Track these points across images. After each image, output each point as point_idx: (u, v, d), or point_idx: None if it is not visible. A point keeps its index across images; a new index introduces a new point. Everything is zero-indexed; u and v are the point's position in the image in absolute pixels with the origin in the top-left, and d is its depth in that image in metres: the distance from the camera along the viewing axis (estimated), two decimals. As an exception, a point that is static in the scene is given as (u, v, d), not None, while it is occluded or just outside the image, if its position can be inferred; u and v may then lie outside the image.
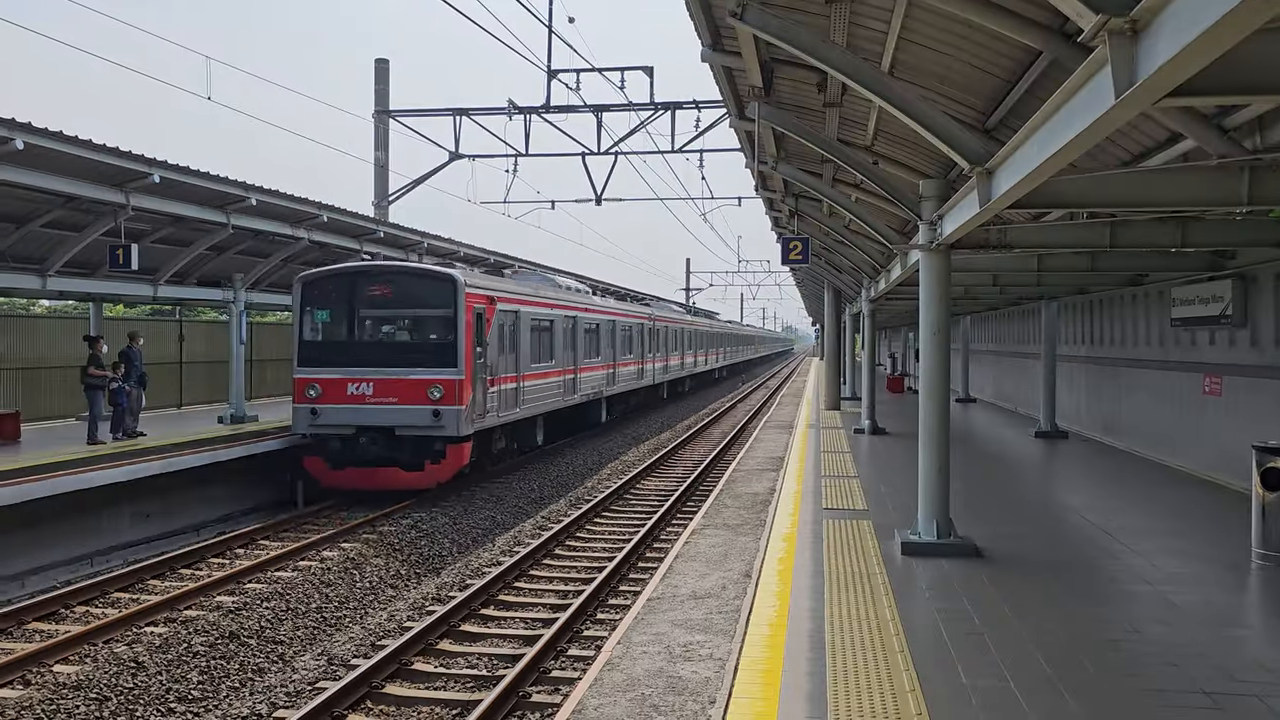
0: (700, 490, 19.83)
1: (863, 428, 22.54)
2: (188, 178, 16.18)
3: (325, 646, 10.29)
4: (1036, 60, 7.56)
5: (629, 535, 15.69)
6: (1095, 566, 9.60)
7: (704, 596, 9.40)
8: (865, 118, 10.92)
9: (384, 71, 28.42)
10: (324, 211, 19.97)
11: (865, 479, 15.23)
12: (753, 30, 7.47)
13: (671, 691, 6.94)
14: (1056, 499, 13.91)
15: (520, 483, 20.56)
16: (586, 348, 27.85)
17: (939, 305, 10.35)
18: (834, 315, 32.13)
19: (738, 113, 11.34)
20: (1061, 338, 23.41)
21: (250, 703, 8.78)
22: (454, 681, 9.30)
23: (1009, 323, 30.29)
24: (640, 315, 36.60)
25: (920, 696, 6.08)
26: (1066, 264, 15.09)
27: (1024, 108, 8.40)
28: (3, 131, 12.56)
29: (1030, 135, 6.11)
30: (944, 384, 10.40)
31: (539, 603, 11.96)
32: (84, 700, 8.56)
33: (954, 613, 7.93)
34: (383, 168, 28.65)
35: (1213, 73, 4.31)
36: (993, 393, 33.71)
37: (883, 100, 7.62)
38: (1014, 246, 11.13)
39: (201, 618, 10.82)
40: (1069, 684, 6.29)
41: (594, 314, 29.06)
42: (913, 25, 7.77)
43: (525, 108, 26.08)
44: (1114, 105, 4.25)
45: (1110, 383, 20.43)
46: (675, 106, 25.81)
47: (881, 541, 10.62)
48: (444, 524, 16.19)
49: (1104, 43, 4.18)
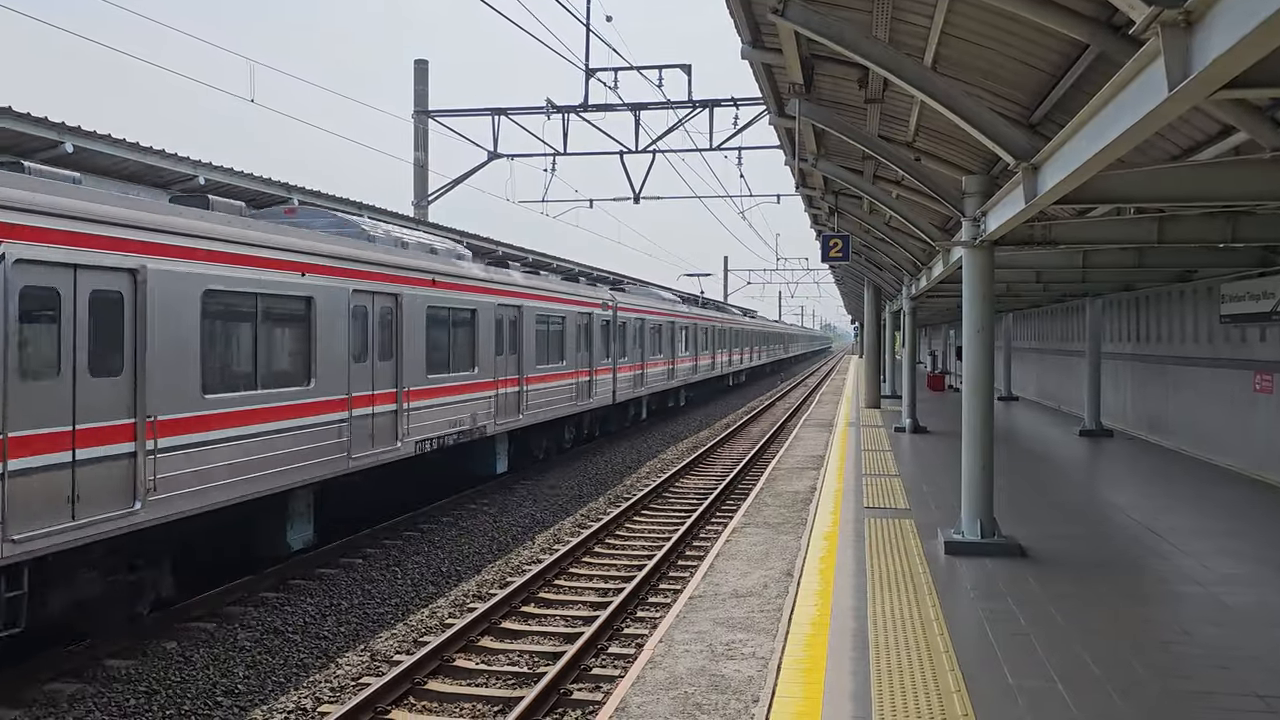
0: (740, 488, 19.77)
1: (903, 426, 22.37)
2: (231, 179, 16.38)
3: (368, 643, 10.38)
4: (1083, 54, 7.45)
5: (669, 533, 15.67)
6: (1143, 567, 9.46)
7: (745, 595, 9.37)
8: (907, 114, 10.83)
9: (423, 72, 28.60)
10: (365, 212, 20.14)
11: (907, 478, 15.11)
12: (794, 27, 7.44)
13: (714, 690, 6.92)
14: (1102, 498, 13.72)
15: (559, 480, 20.61)
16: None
17: (982, 302, 10.25)
18: (874, 313, 31.91)
19: (778, 110, 11.30)
20: (1106, 335, 23.10)
21: (295, 697, 8.87)
22: (495, 678, 9.34)
23: (1052, 320, 29.91)
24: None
25: (966, 697, 6.02)
26: (1112, 260, 14.88)
27: (1070, 102, 8.29)
28: (52, 135, 12.78)
29: (1078, 130, 6.03)
30: (988, 382, 10.30)
31: (579, 600, 11.99)
32: (134, 693, 8.71)
33: (999, 613, 7.85)
34: (422, 168, 28.83)
35: (1269, 65, 4.22)
36: (1035, 391, 33.32)
37: (926, 96, 7.55)
38: (1059, 243, 11.00)
39: (247, 613, 10.96)
40: (1118, 685, 6.20)
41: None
42: (956, 20, 7.69)
43: (563, 107, 26.13)
44: (1166, 99, 4.18)
45: (1157, 380, 20.11)
46: (713, 104, 25.73)
47: (924, 541, 10.54)
48: (484, 521, 16.27)
49: (1156, 35, 4.11)
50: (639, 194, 29.32)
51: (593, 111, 25.78)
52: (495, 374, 18.18)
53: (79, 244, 8.61)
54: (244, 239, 11.05)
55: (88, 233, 8.75)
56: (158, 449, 9.50)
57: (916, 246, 18.30)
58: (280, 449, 11.54)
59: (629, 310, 28.08)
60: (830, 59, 9.34)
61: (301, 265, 12.12)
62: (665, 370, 33.02)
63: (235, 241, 10.88)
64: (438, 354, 15.86)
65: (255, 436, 11.10)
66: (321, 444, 12.38)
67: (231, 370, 10.93)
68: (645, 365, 29.96)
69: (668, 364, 33.33)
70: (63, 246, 8.42)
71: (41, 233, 8.23)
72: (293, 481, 11.81)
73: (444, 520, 16.11)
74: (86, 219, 8.72)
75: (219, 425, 10.50)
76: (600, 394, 24.95)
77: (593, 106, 25.71)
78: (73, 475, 8.49)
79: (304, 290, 12.11)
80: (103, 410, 8.90)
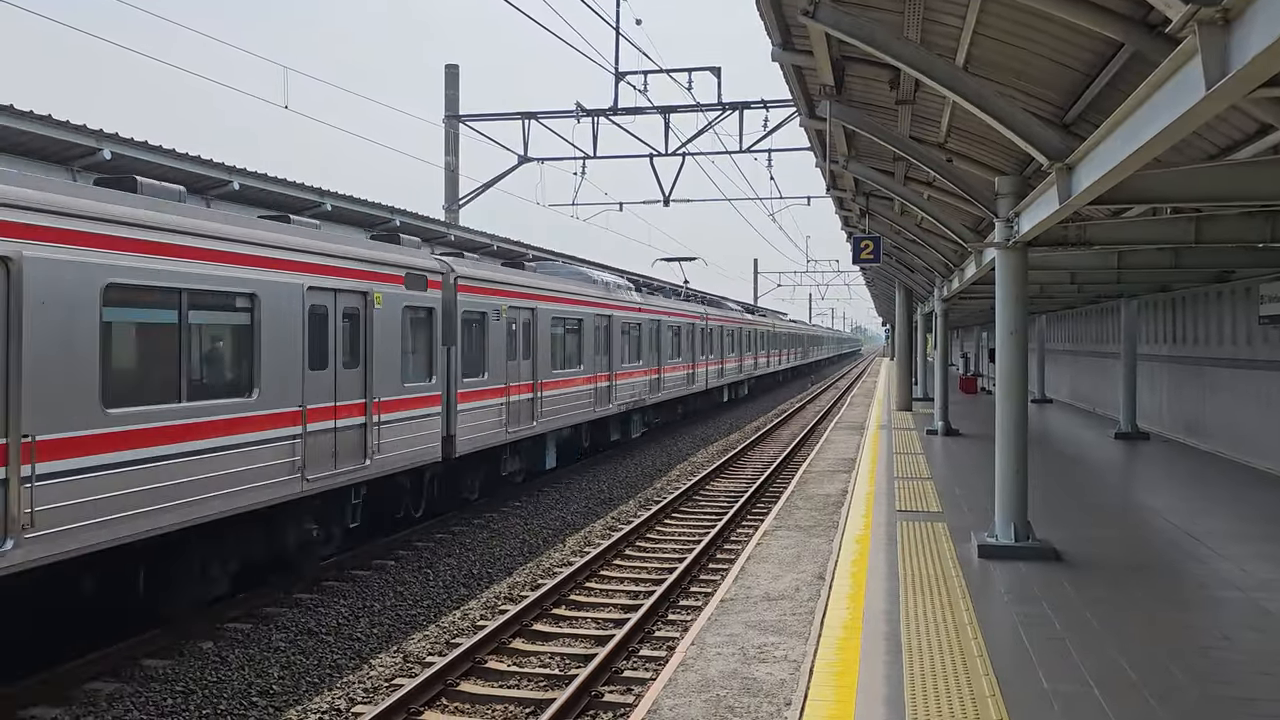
0: (770, 491, 19.72)
1: (935, 429, 22.23)
2: (264, 184, 16.55)
3: (401, 644, 10.44)
4: (1117, 53, 7.38)
5: (699, 536, 15.66)
6: (1181, 571, 9.34)
7: (777, 598, 9.35)
8: (938, 114, 10.77)
9: (454, 77, 28.76)
10: (396, 215, 20.27)
11: (939, 481, 15.01)
12: (825, 28, 7.42)
13: (746, 693, 6.91)
14: (1139, 501, 13.56)
15: (589, 483, 20.65)
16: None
17: (1016, 304, 10.17)
18: (905, 315, 31.74)
19: (808, 112, 11.28)
20: (1142, 336, 22.84)
21: (329, 698, 8.95)
22: (527, 680, 9.38)
23: (1087, 321, 29.62)
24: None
25: (1000, 701, 5.98)
26: (1148, 261, 14.71)
27: (1105, 102, 8.21)
28: (90, 142, 12.98)
29: (1113, 129, 5.97)
30: (1021, 384, 10.23)
31: (610, 603, 12.01)
32: (171, 693, 8.82)
33: (1034, 617, 7.79)
34: (453, 172, 28.99)
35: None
36: (1069, 393, 33.00)
37: (958, 96, 7.51)
38: (1093, 243, 10.89)
39: (281, 614, 11.07)
40: (1155, 691, 6.13)
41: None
42: (988, 20, 7.64)
43: (593, 110, 26.19)
44: (1204, 97, 4.14)
45: (1194, 382, 19.85)
46: (743, 106, 25.70)
47: (957, 544, 10.46)
48: (514, 524, 16.33)
49: (1193, 33, 4.07)
50: (669, 197, 29.33)
51: (622, 115, 25.82)
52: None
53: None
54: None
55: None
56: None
57: (948, 248, 18.18)
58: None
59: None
60: (861, 60, 9.31)
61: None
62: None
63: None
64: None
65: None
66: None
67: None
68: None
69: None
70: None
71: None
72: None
73: (475, 523, 16.18)
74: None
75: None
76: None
77: (622, 110, 25.74)
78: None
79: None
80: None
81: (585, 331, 21.49)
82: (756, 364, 47.62)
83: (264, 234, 10.99)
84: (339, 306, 12.31)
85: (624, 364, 24.60)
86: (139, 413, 9.06)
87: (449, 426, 15.03)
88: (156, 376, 9.44)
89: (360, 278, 12.71)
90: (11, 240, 7.83)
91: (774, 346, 54.70)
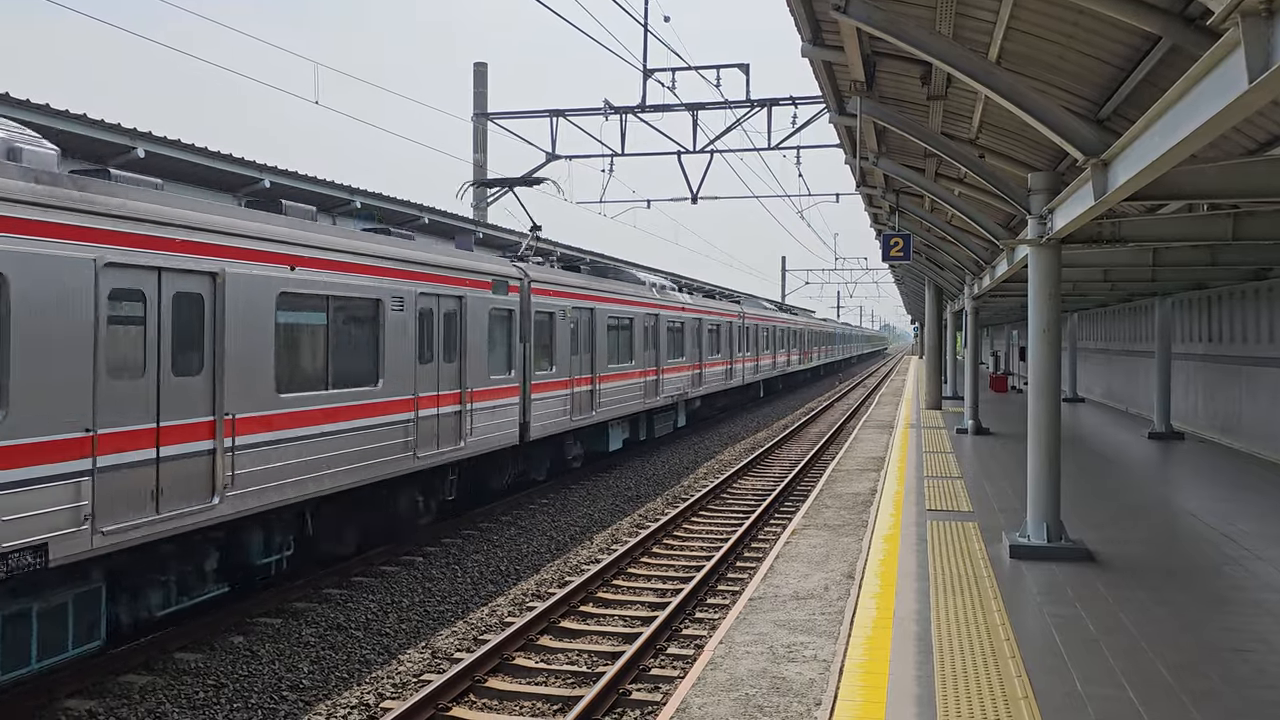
0: (798, 490, 19.64)
1: (965, 427, 22.05)
2: (295, 182, 16.68)
3: (429, 640, 10.48)
4: (1154, 47, 7.27)
5: (727, 534, 15.62)
6: (1217, 573, 9.21)
7: (806, 597, 9.30)
8: (970, 110, 10.67)
9: (482, 75, 28.85)
10: (425, 213, 20.38)
11: (969, 480, 14.88)
12: (856, 23, 7.37)
13: (775, 692, 6.87)
14: (1174, 502, 13.38)
15: (616, 481, 20.65)
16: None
17: (1048, 302, 10.06)
18: (935, 313, 31.51)
19: (838, 108, 11.20)
20: (1177, 335, 22.55)
21: (358, 693, 8.99)
22: (554, 677, 9.38)
23: (1120, 320, 29.28)
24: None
25: (1033, 703, 5.91)
26: (1184, 258, 14.51)
27: (1141, 96, 8.09)
28: (125, 141, 13.13)
29: (1151, 124, 5.88)
30: (1054, 382, 10.11)
31: (637, 600, 11.99)
32: (203, 686, 8.90)
33: (1066, 618, 7.70)
34: (481, 169, 29.09)
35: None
36: (1102, 392, 32.65)
37: (991, 92, 7.43)
38: (1128, 240, 10.75)
39: (311, 609, 11.14)
40: (1192, 694, 6.04)
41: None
42: (1021, 14, 7.55)
43: (621, 108, 26.16)
44: (1246, 90, 4.06)
45: (1230, 382, 19.57)
46: (771, 103, 25.56)
47: (988, 544, 10.37)
48: (542, 521, 16.36)
49: (1236, 25, 3.99)
50: (696, 194, 29.26)
51: (650, 112, 25.76)
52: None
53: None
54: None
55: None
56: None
57: (979, 245, 18.03)
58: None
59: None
60: (892, 55, 9.23)
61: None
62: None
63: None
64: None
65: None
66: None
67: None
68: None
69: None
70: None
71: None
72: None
73: (503, 519, 16.22)
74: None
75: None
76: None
77: (650, 107, 25.69)
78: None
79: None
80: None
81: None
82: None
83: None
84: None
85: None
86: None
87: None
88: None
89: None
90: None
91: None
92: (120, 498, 8.54)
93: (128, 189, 8.87)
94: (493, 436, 15.55)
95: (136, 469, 8.75)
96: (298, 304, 10.97)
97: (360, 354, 12.12)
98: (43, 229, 7.89)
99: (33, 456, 7.79)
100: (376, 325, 12.39)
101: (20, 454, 7.69)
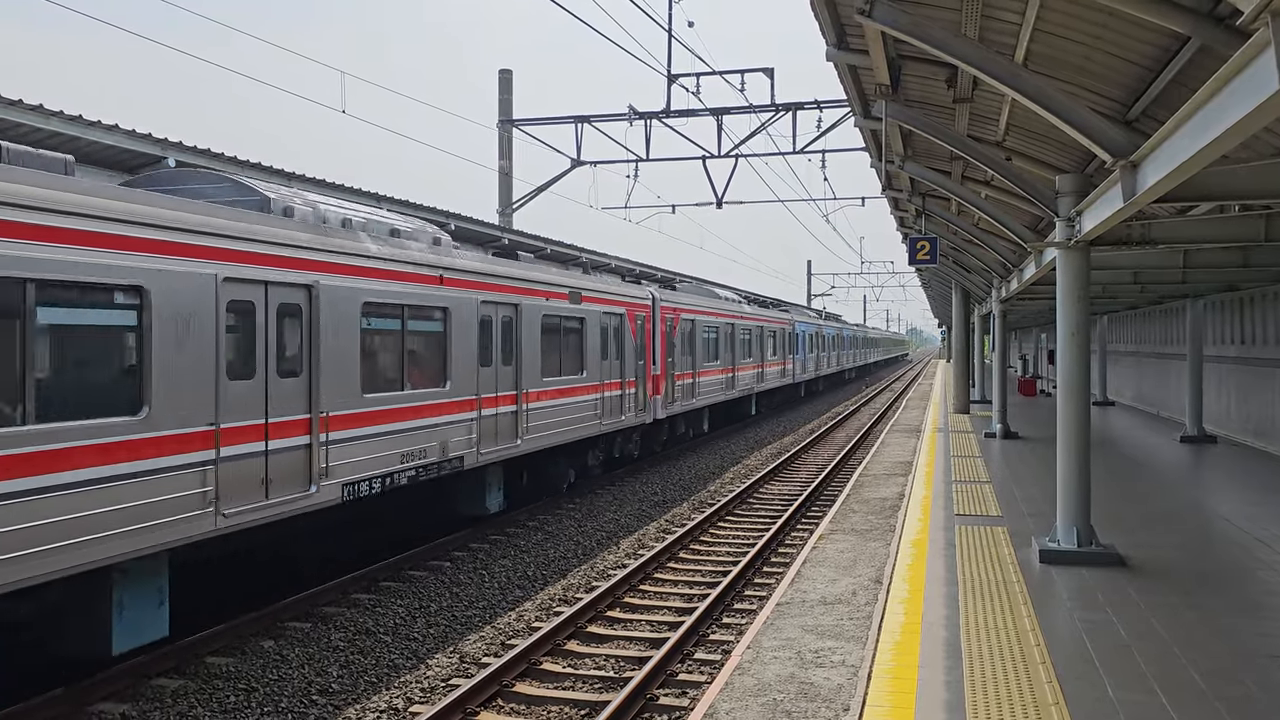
0: (825, 495, 19.56)
1: (994, 431, 21.90)
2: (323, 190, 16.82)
3: (457, 644, 10.52)
4: (1183, 47, 7.21)
5: (753, 539, 15.58)
6: (1251, 578, 9.10)
7: (834, 602, 9.27)
8: (996, 113, 10.61)
9: (507, 82, 28.96)
10: (452, 220, 20.47)
11: (998, 484, 14.78)
12: (881, 27, 7.34)
13: (803, 697, 6.85)
14: (1206, 507, 13.23)
15: (643, 486, 20.65)
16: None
17: (1077, 304, 9.98)
18: (962, 316, 31.32)
19: (863, 112, 11.16)
20: (1208, 337, 22.29)
21: (387, 697, 9.04)
22: (582, 682, 9.39)
23: (1150, 322, 29.00)
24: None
25: (1064, 709, 5.86)
26: (1215, 260, 14.35)
27: (1170, 97, 8.02)
28: (156, 150, 13.28)
29: (1180, 125, 5.84)
30: (1084, 386, 10.03)
31: (664, 606, 11.99)
32: (233, 690, 8.98)
33: (1097, 623, 7.63)
34: (507, 175, 29.19)
35: (1387, 52, 4.03)
36: (1132, 395, 32.32)
37: (1018, 94, 7.39)
38: (1158, 242, 10.66)
39: (340, 614, 11.21)
40: (1226, 700, 5.97)
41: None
42: (1048, 15, 7.51)
43: (645, 113, 26.21)
44: (1277, 90, 4.03)
45: (1263, 384, 19.33)
46: (796, 107, 25.54)
47: (1017, 549, 10.29)
48: (569, 526, 16.39)
49: (1266, 25, 3.96)
50: (721, 199, 29.25)
51: (675, 117, 25.81)
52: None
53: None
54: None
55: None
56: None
57: (1006, 248, 17.91)
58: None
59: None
60: (917, 59, 9.20)
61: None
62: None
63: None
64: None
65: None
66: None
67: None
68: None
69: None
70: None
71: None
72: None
73: (529, 525, 16.26)
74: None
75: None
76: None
77: (675, 112, 25.73)
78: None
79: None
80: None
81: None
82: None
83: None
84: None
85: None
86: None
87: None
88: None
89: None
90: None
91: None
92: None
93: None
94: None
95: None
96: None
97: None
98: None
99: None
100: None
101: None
